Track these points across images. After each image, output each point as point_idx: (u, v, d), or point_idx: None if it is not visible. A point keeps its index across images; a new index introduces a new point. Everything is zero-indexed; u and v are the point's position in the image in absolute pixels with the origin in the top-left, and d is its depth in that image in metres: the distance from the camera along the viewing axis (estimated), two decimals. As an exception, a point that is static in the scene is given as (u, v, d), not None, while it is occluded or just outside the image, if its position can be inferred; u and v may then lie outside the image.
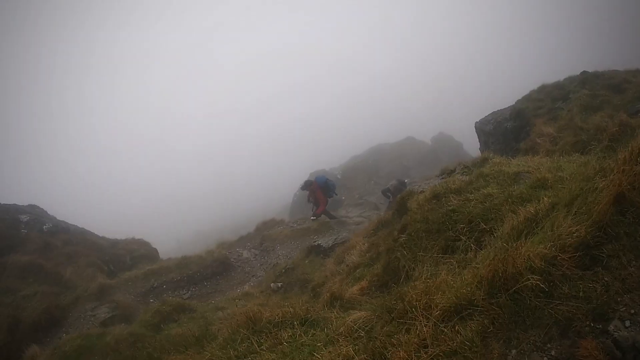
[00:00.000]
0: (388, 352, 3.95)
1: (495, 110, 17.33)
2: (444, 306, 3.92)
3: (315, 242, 13.19)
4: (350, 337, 4.69)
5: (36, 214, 19.16)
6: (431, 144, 41.43)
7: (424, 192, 8.07)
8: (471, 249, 5.25)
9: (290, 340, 4.99)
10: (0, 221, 16.94)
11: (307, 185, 19.05)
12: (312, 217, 18.08)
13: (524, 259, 3.75)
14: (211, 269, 13.27)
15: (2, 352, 10.75)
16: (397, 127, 52.96)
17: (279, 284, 11.45)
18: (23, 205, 19.89)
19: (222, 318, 7.89)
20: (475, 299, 3.77)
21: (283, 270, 12.10)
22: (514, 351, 3.32)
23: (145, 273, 13.45)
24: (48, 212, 20.45)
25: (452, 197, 6.57)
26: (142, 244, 19.30)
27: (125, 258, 17.54)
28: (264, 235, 15.75)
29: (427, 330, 3.78)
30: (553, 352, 3.25)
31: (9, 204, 19.44)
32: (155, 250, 19.30)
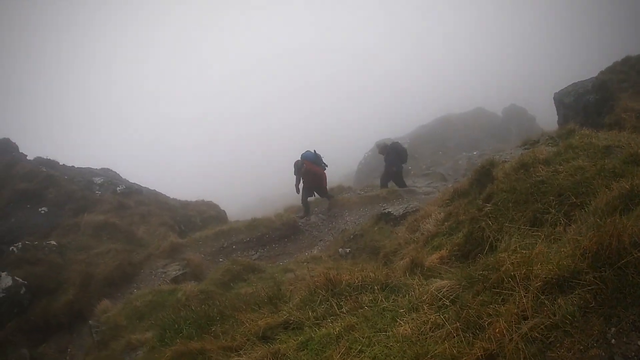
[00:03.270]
0: (484, 322, 3.66)
1: (576, 81, 16.14)
2: (545, 277, 3.62)
3: (384, 209, 12.80)
4: (435, 305, 4.42)
5: (109, 177, 19.92)
6: (502, 116, 39.83)
7: (506, 161, 7.78)
8: (560, 223, 4.95)
9: (371, 305, 4.76)
10: (75, 183, 17.68)
11: (298, 169, 15.44)
12: (300, 214, 15.47)
13: (630, 233, 3.39)
14: (279, 231, 13.26)
15: (75, 306, 11.24)
16: (466, 97, 50.97)
17: (347, 250, 11.26)
18: (97, 169, 20.71)
19: (292, 280, 7.75)
20: (578, 271, 3.46)
21: (351, 236, 11.87)
22: (613, 329, 3.06)
23: (215, 233, 13.63)
24: (121, 176, 21.21)
25: (541, 167, 6.25)
26: (212, 206, 19.66)
27: (196, 219, 17.91)
28: (332, 201, 15.52)
29: (527, 302, 3.50)
30: (652, 334, 2.96)
31: (83, 168, 20.29)
32: (224, 213, 19.63)
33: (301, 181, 15.39)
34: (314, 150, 15.64)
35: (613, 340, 3.03)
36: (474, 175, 8.90)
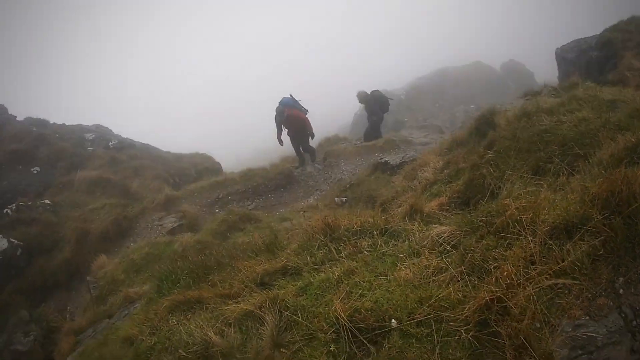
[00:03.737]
0: (489, 266, 3.62)
1: (579, 38, 15.80)
2: (553, 223, 3.56)
3: (381, 159, 12.68)
4: (436, 250, 4.35)
5: (101, 133, 19.73)
6: (500, 71, 39.55)
7: (508, 110, 7.75)
8: (563, 173, 4.92)
9: (370, 249, 4.68)
10: (66, 141, 17.50)
11: (281, 115, 14.05)
12: (295, 164, 14.93)
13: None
14: (275, 181, 13.17)
15: (72, 264, 11.28)
16: (465, 50, 49.93)
17: (344, 199, 11.19)
18: (88, 125, 20.45)
19: (289, 228, 7.66)
20: (587, 217, 3.40)
21: (348, 186, 11.79)
22: (621, 279, 3.04)
23: (211, 184, 13.56)
24: (113, 131, 20.93)
25: (544, 116, 6.21)
26: (206, 158, 19.57)
27: (190, 171, 17.83)
28: (327, 151, 15.39)
29: (535, 246, 3.46)
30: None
31: (74, 125, 20.05)
32: (219, 164, 19.55)
33: (285, 131, 14.42)
34: (290, 95, 14.60)
35: (621, 290, 3.02)
36: (474, 124, 8.81)
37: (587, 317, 2.97)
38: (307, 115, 14.71)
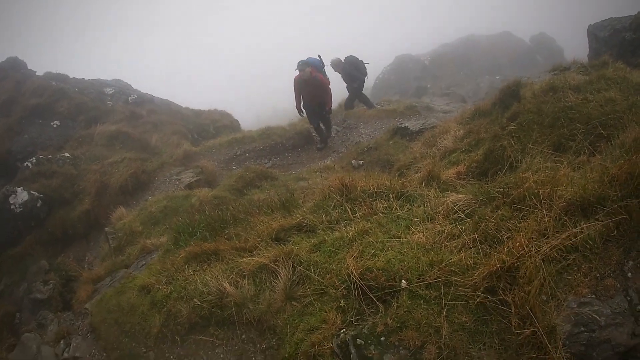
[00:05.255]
0: (502, 236, 3.69)
1: (613, 17, 15.13)
2: (570, 199, 3.60)
3: (401, 124, 12.51)
4: (450, 217, 4.41)
5: (120, 87, 19.67)
6: (529, 44, 37.94)
7: (534, 83, 7.63)
8: (584, 152, 4.91)
9: (385, 212, 4.75)
10: (86, 95, 17.45)
11: (305, 65, 11.77)
12: (318, 146, 13.02)
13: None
14: (293, 141, 13.10)
15: (91, 215, 11.43)
16: (493, 19, 48.25)
17: (360, 162, 11.16)
18: (108, 80, 20.42)
19: (305, 187, 7.73)
20: (604, 197, 3.43)
21: (365, 149, 11.72)
22: (630, 263, 3.09)
23: (229, 141, 13.54)
24: (132, 86, 20.92)
25: (570, 93, 6.08)
26: (225, 115, 19.47)
27: (209, 127, 17.80)
28: (347, 113, 15.21)
29: (549, 220, 3.51)
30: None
31: (94, 79, 20.00)
32: (237, 122, 19.46)
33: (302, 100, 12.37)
34: (319, 56, 12.83)
35: (629, 273, 3.07)
36: (498, 95, 8.67)
37: (593, 296, 3.03)
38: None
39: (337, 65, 14.71)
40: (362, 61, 15.08)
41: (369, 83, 35.91)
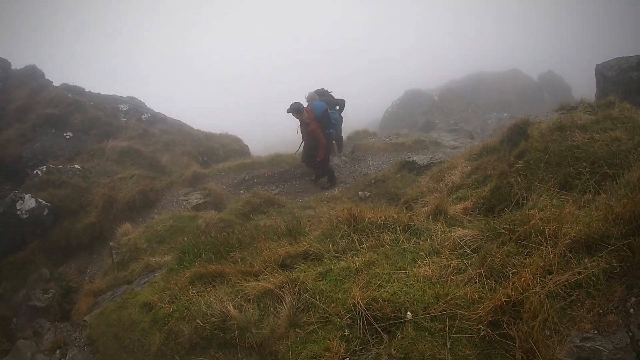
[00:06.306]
0: (508, 271, 3.72)
1: (621, 56, 15.37)
2: (575, 236, 3.68)
3: (409, 158, 12.63)
4: (457, 251, 4.44)
5: (135, 105, 19.98)
6: (537, 81, 38.51)
7: (542, 122, 7.56)
8: (590, 191, 4.97)
9: (392, 244, 4.78)
10: (100, 110, 17.77)
11: (297, 111, 11.67)
12: (313, 177, 12.77)
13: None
14: (301, 169, 13.18)
15: (96, 228, 11.50)
16: (502, 57, 49.03)
17: (367, 194, 11.20)
18: (122, 97, 20.74)
19: (311, 216, 7.77)
20: (608, 235, 3.51)
21: (373, 181, 11.79)
22: (633, 299, 3.14)
23: (238, 166, 13.67)
24: (146, 104, 21.25)
25: (577, 132, 6.14)
26: (235, 140, 19.69)
27: (219, 151, 17.97)
28: (356, 144, 15.35)
29: (554, 257, 3.58)
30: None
31: (109, 95, 20.35)
32: (247, 147, 19.67)
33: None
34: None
35: (632, 310, 3.11)
36: (506, 132, 8.74)
37: (596, 332, 3.07)
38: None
39: (312, 99, 13.31)
40: (331, 94, 13.86)
41: (377, 116, 36.50)
